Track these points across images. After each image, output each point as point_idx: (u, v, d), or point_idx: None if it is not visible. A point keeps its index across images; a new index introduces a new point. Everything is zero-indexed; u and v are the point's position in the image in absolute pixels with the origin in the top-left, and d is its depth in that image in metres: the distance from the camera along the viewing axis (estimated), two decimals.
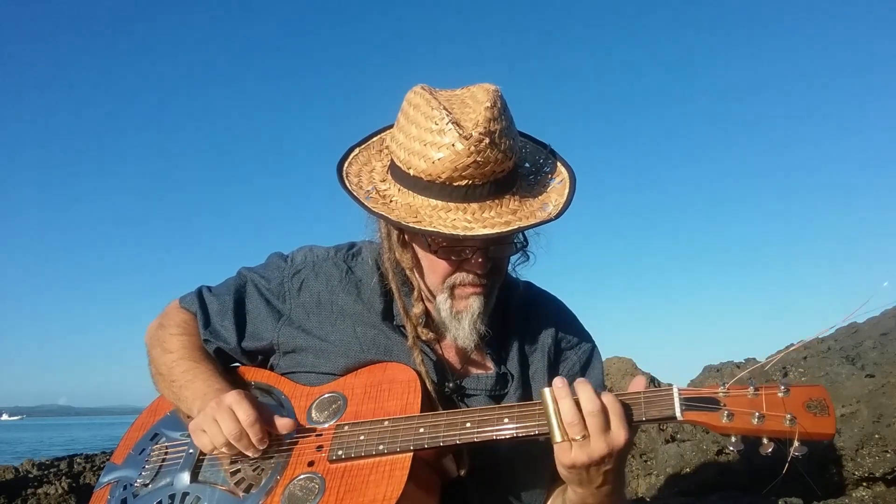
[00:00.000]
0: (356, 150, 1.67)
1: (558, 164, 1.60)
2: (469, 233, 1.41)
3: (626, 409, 1.33)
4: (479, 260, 1.51)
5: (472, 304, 1.56)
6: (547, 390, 1.33)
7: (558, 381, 1.34)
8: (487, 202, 1.45)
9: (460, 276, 1.54)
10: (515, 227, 1.43)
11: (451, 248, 1.51)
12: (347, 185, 1.57)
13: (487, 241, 1.49)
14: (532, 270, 1.79)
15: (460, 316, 1.57)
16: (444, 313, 1.58)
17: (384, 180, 1.57)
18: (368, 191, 1.56)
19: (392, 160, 1.56)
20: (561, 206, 1.49)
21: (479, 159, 1.40)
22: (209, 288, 1.82)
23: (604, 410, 1.30)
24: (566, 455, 1.33)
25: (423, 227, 1.43)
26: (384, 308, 1.68)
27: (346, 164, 1.63)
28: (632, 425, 1.32)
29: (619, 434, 1.31)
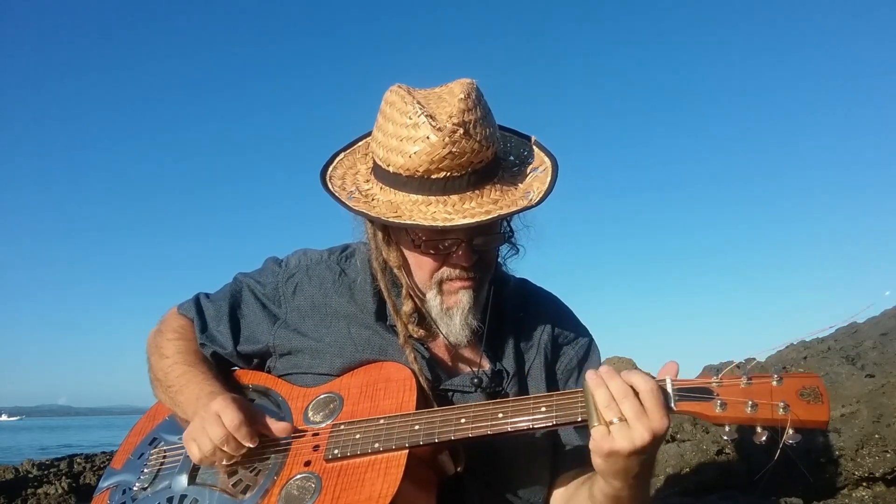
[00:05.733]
0: (341, 155, 1.68)
1: (541, 154, 1.60)
2: (448, 223, 1.41)
3: (663, 393, 1.27)
4: (463, 252, 1.51)
5: (462, 299, 1.56)
6: (585, 380, 1.31)
7: (591, 373, 1.31)
8: (468, 193, 1.45)
9: (447, 271, 1.54)
10: (496, 215, 1.42)
11: (435, 242, 1.51)
12: (330, 187, 1.58)
13: (470, 232, 1.49)
14: (531, 269, 1.78)
15: (451, 312, 1.56)
16: (434, 310, 1.58)
17: (368, 181, 1.58)
18: (351, 191, 1.56)
19: (374, 160, 1.57)
20: (542, 192, 1.48)
21: (454, 150, 1.41)
22: (206, 294, 1.84)
23: (636, 392, 1.25)
24: (606, 441, 1.26)
25: (402, 221, 1.44)
26: (377, 309, 1.68)
27: (330, 169, 1.65)
28: (669, 408, 1.26)
29: (658, 418, 1.24)
